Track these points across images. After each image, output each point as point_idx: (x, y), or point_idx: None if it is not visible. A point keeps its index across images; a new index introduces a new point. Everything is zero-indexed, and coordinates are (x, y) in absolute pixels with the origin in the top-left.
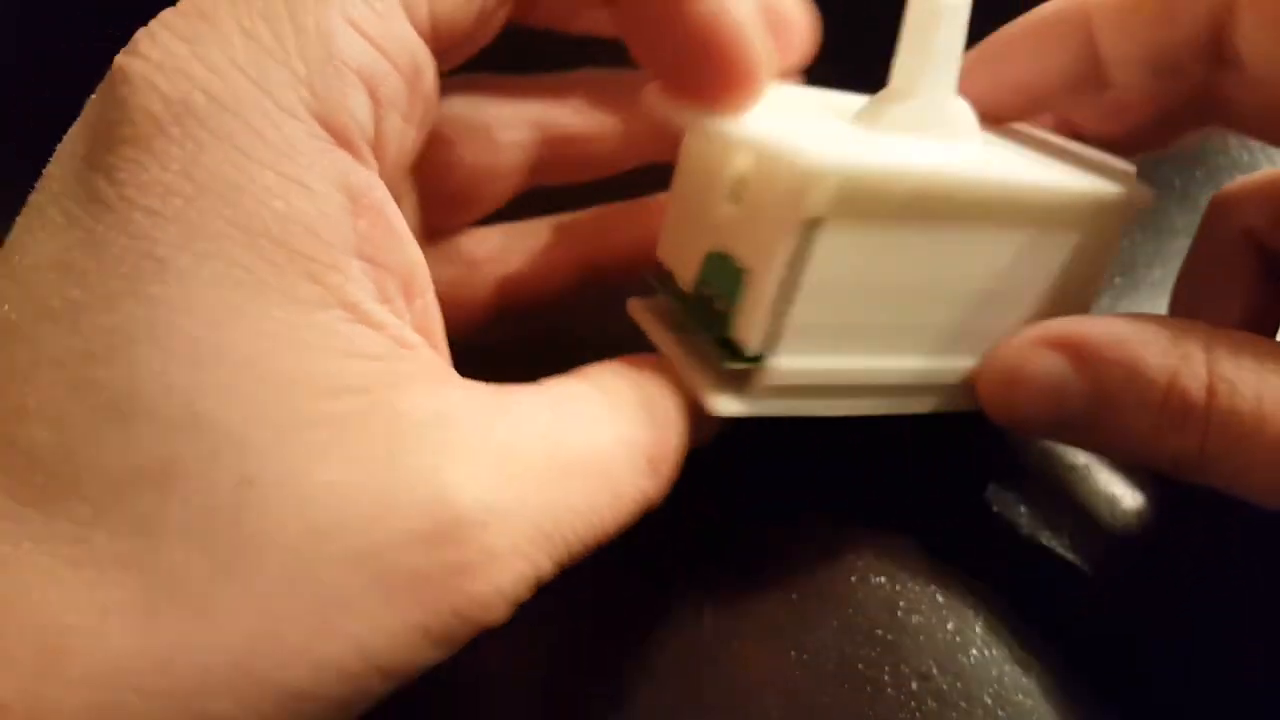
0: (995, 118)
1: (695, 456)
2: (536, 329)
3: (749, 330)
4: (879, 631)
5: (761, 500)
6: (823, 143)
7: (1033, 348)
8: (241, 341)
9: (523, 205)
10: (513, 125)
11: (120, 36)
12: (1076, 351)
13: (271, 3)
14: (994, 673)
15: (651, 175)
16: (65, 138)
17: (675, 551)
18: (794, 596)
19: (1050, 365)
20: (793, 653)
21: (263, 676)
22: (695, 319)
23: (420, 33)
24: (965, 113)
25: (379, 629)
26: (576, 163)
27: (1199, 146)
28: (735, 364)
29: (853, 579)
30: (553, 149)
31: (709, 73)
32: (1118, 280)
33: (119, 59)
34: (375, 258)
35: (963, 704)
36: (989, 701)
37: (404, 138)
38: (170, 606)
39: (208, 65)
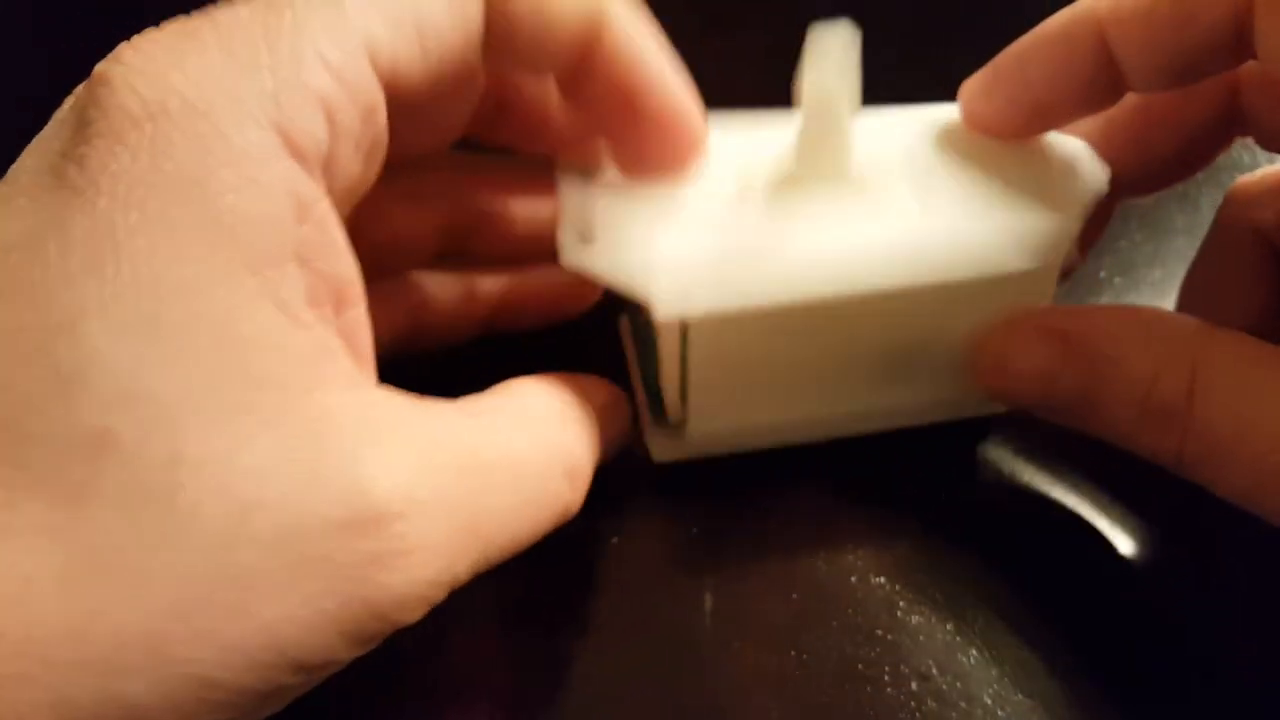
0: (1013, 136)
1: (697, 460)
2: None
3: (667, 403)
4: (879, 631)
5: (761, 500)
6: (690, 270)
7: (1024, 336)
8: (185, 323)
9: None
10: (437, 196)
11: (118, 39)
12: (1066, 342)
13: (250, 30)
14: (994, 673)
15: None
16: (36, 138)
17: (675, 552)
18: (794, 596)
19: (1039, 354)
20: (793, 653)
21: (174, 657)
22: (642, 365)
23: (380, 76)
24: (866, 178)
25: (290, 616)
26: (484, 242)
27: None
28: (662, 422)
29: (853, 579)
30: (466, 226)
31: (660, 144)
32: (1117, 280)
33: (100, 66)
34: (311, 263)
35: (963, 704)
36: (989, 701)
37: (353, 168)
38: (90, 577)
39: (185, 74)
